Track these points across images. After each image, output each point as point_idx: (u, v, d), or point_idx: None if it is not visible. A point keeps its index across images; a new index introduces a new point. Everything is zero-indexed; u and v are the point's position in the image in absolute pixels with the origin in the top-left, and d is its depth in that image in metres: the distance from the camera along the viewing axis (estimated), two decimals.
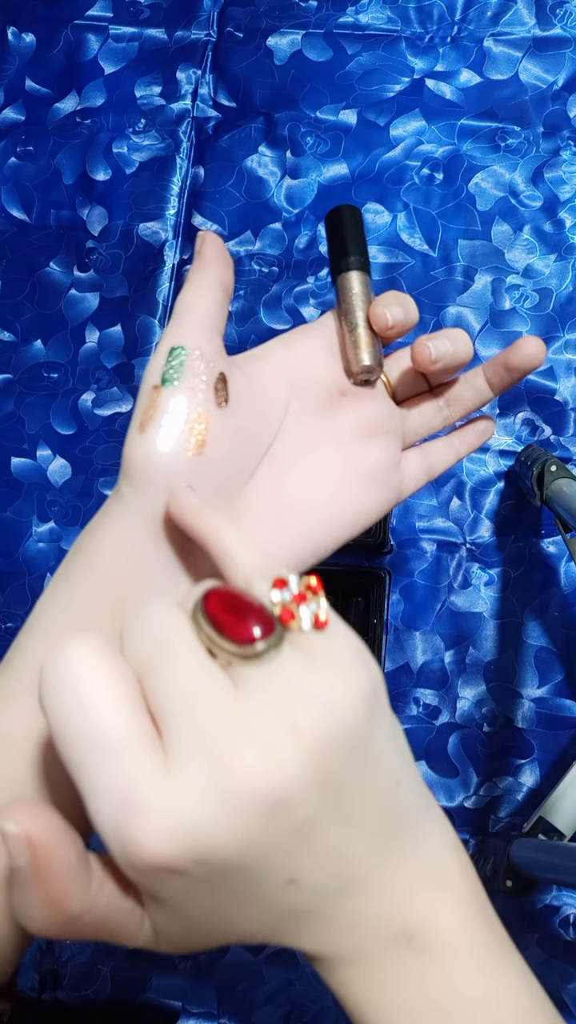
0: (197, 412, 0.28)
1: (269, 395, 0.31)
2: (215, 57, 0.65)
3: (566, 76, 0.61)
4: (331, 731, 0.21)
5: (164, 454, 0.27)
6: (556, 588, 0.56)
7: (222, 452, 0.28)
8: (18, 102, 0.67)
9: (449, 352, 0.31)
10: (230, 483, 0.29)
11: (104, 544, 0.29)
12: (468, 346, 0.32)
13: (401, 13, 0.63)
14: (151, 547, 0.28)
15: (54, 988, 0.55)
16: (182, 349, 0.28)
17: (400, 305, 0.32)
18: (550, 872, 0.41)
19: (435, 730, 0.55)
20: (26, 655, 0.29)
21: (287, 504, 0.30)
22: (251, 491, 0.30)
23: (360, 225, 0.35)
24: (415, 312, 0.33)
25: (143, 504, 0.28)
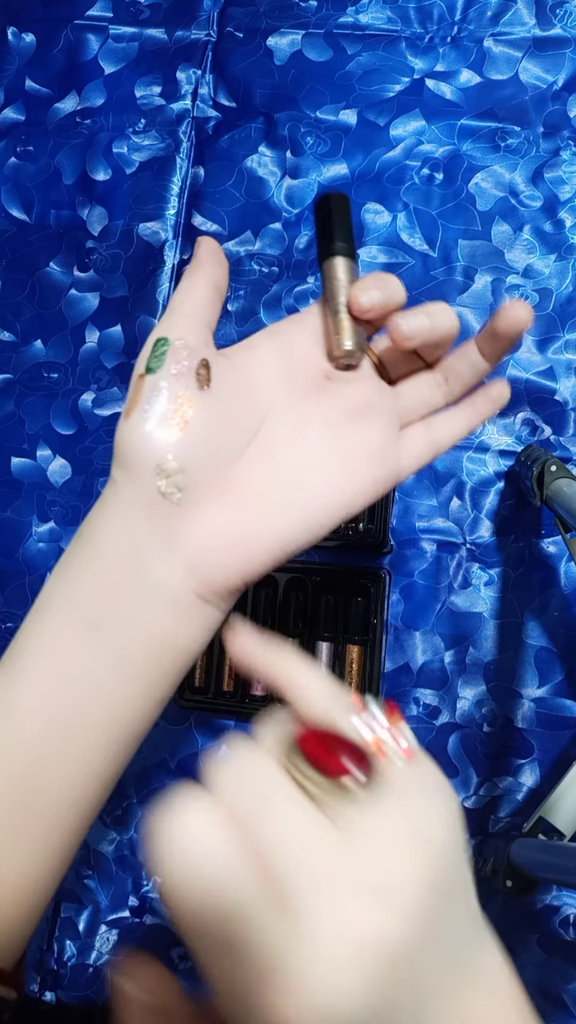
0: (178, 394, 0.29)
1: (256, 381, 0.32)
2: (215, 57, 0.65)
3: (566, 76, 0.61)
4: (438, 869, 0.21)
5: (148, 435, 0.29)
6: (556, 588, 0.56)
7: (206, 431, 0.29)
8: (18, 102, 0.67)
9: (425, 327, 0.31)
10: (217, 463, 0.30)
11: (101, 528, 0.30)
12: (448, 318, 0.32)
13: (401, 13, 0.63)
14: (144, 528, 0.29)
15: (54, 988, 0.55)
16: (166, 340, 0.30)
17: (379, 288, 0.32)
18: (550, 872, 0.41)
19: (435, 730, 0.55)
20: (32, 636, 0.31)
21: (279, 486, 0.31)
22: (242, 473, 0.30)
23: (347, 212, 0.35)
24: (398, 293, 0.32)
25: (134, 486, 0.29)
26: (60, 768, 0.30)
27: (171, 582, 0.29)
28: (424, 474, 0.58)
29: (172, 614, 0.30)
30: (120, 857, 0.57)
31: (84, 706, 0.29)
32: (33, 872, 0.30)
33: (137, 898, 0.56)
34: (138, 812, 0.57)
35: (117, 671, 0.30)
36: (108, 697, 0.30)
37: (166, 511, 0.29)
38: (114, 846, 0.57)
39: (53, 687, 0.30)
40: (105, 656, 0.29)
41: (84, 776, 0.30)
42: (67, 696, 0.29)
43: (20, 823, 0.29)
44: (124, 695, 0.30)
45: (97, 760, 0.30)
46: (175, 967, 0.54)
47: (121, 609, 0.29)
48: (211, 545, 0.30)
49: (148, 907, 0.56)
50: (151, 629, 0.30)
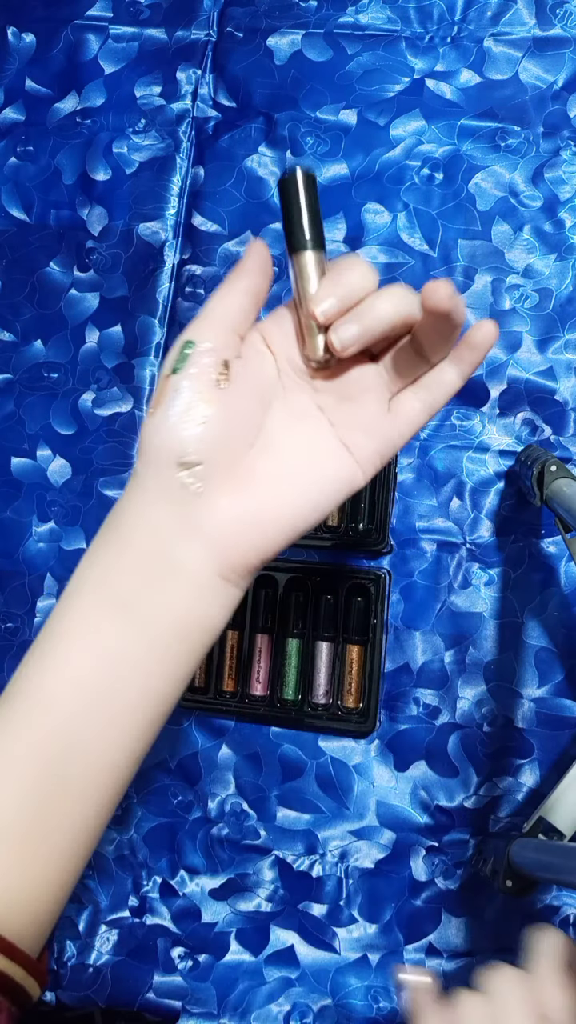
0: (199, 394, 0.31)
1: (262, 377, 0.34)
2: (215, 57, 0.65)
3: (566, 76, 0.61)
4: None
5: (170, 432, 0.31)
6: (556, 588, 0.56)
7: (223, 427, 0.31)
8: (18, 102, 0.67)
9: (356, 335, 0.31)
10: (233, 453, 0.32)
11: (127, 518, 0.32)
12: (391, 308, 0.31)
13: (401, 13, 0.63)
14: (168, 516, 0.32)
15: (54, 988, 0.55)
16: (192, 343, 0.32)
17: (336, 293, 0.31)
18: (550, 872, 0.41)
19: (435, 730, 0.55)
20: (65, 619, 0.33)
21: (286, 471, 0.33)
22: (253, 461, 0.33)
23: (314, 193, 0.33)
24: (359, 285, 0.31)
25: (158, 479, 0.31)
26: (90, 741, 0.32)
27: (195, 564, 0.32)
28: (424, 474, 0.58)
29: (196, 594, 0.32)
30: (120, 857, 0.57)
31: (116, 682, 0.32)
32: (64, 847, 0.32)
33: (137, 898, 0.56)
34: (138, 812, 0.57)
35: (147, 648, 0.32)
36: (139, 673, 0.32)
37: (188, 500, 0.31)
38: (114, 846, 0.57)
39: (87, 664, 0.32)
40: (136, 634, 0.32)
41: (113, 749, 0.32)
42: (101, 673, 0.32)
43: (53, 796, 0.31)
44: (153, 671, 0.32)
45: (125, 733, 0.32)
46: (175, 967, 0.54)
47: (150, 590, 0.32)
48: (230, 529, 0.32)
49: (148, 907, 0.56)
50: (178, 608, 0.32)
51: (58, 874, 0.32)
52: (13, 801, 0.31)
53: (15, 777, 0.31)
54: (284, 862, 0.55)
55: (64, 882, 0.32)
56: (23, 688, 0.32)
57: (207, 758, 0.57)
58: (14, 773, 0.31)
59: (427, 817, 0.55)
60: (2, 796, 0.31)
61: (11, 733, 0.32)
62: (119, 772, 0.33)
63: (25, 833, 0.31)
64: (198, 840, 0.56)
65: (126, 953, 0.55)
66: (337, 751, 0.56)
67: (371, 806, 0.55)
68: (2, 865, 0.30)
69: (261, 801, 0.56)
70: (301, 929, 0.54)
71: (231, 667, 0.57)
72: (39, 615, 0.60)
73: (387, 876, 0.54)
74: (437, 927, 0.53)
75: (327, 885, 0.55)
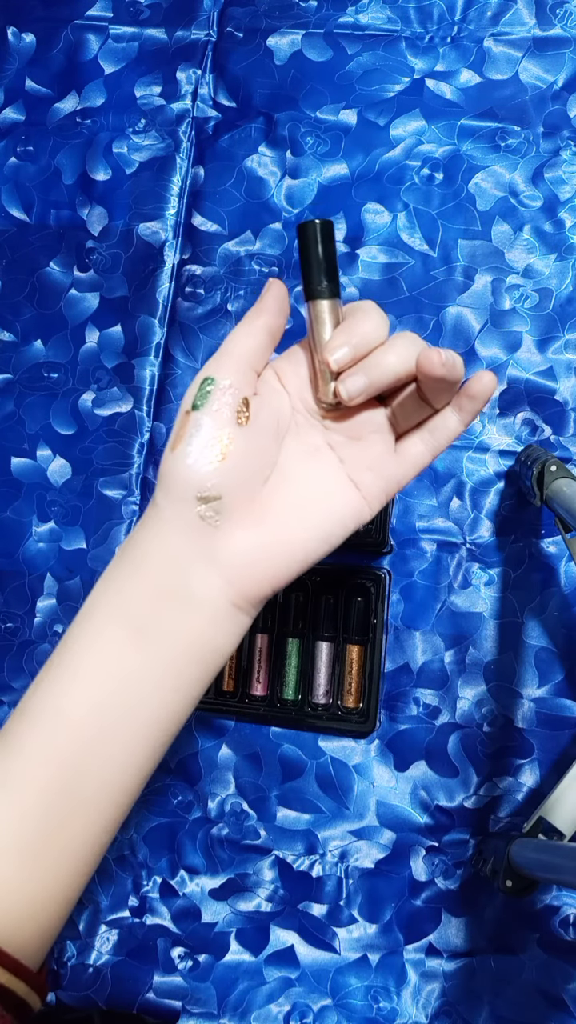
0: (220, 431, 0.32)
1: (276, 415, 0.35)
2: (215, 57, 0.65)
3: (566, 76, 0.61)
4: None
5: (191, 467, 0.32)
6: (556, 588, 0.56)
7: (241, 462, 0.33)
8: (18, 102, 0.67)
9: (362, 388, 0.33)
10: (249, 487, 0.33)
11: (145, 545, 0.33)
12: (397, 361, 0.33)
13: (401, 13, 0.63)
14: (186, 547, 0.33)
15: (54, 988, 0.55)
16: (212, 380, 0.33)
17: (350, 343, 0.33)
18: (550, 872, 0.41)
19: (435, 730, 0.55)
20: (81, 641, 0.34)
21: (299, 505, 0.34)
22: (267, 495, 0.34)
23: (330, 241, 0.35)
24: (371, 336, 0.33)
25: (177, 510, 0.32)
26: (104, 763, 0.32)
27: (210, 593, 0.33)
28: (424, 474, 0.58)
29: (210, 621, 0.33)
30: (120, 857, 0.57)
31: (129, 703, 0.33)
32: (72, 865, 0.33)
33: (137, 898, 0.56)
34: (138, 812, 0.57)
35: (162, 673, 0.33)
36: (151, 695, 0.33)
37: (206, 532, 0.32)
38: (114, 846, 0.57)
39: (102, 685, 0.33)
40: (150, 658, 0.33)
41: (125, 771, 0.33)
42: (114, 693, 0.33)
43: (64, 816, 0.32)
44: (165, 693, 0.33)
45: (137, 754, 0.33)
46: (175, 967, 0.54)
47: (165, 616, 0.33)
48: (245, 561, 0.33)
49: (148, 907, 0.56)
50: (191, 634, 0.33)
51: (64, 891, 0.33)
52: (25, 821, 0.31)
53: (28, 797, 0.32)
54: (284, 862, 0.55)
55: (69, 899, 0.33)
56: (41, 708, 0.33)
57: (207, 758, 0.57)
58: (28, 793, 0.32)
59: (427, 817, 0.55)
60: (15, 816, 0.31)
61: (27, 753, 0.32)
62: (128, 792, 0.34)
63: (35, 852, 0.31)
64: (198, 840, 0.56)
65: (126, 953, 0.55)
66: (337, 751, 0.56)
67: (371, 806, 0.55)
68: (11, 882, 0.31)
69: (261, 801, 0.56)
70: (301, 929, 0.54)
71: (231, 667, 0.57)
72: (39, 615, 0.60)
73: (387, 876, 0.54)
74: (437, 927, 0.54)
75: (327, 885, 0.55)
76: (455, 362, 0.32)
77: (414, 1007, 0.53)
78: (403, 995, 0.53)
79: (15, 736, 0.33)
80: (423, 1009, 0.53)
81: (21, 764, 0.32)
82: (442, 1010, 0.52)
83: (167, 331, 0.62)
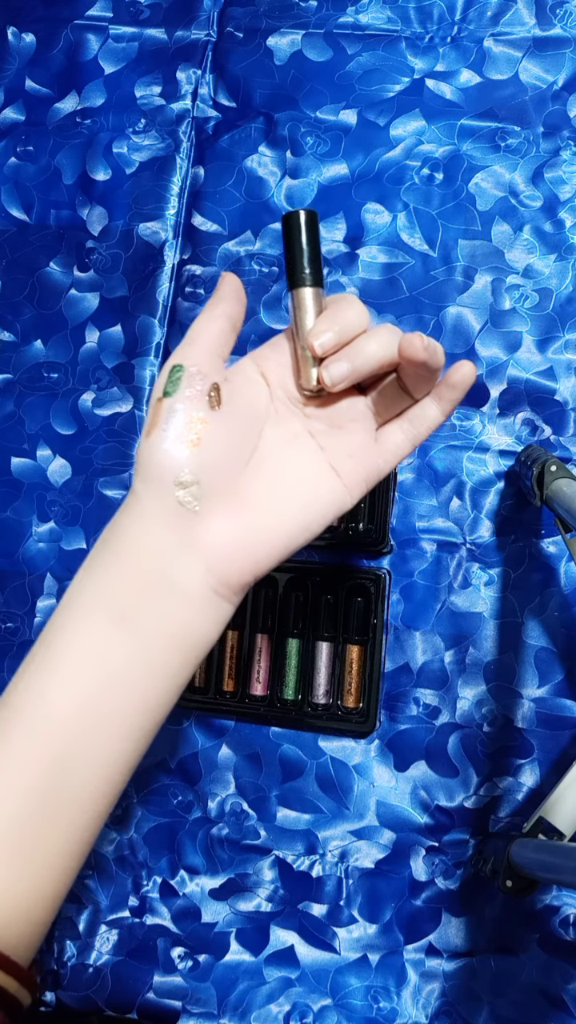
0: (193, 415, 0.32)
1: (253, 401, 0.36)
2: (215, 57, 0.65)
3: (566, 76, 0.61)
4: None
5: (167, 452, 0.32)
6: (556, 588, 0.56)
7: (217, 447, 0.33)
8: (18, 102, 0.67)
9: (345, 374, 0.34)
10: (228, 474, 0.33)
11: (125, 534, 0.33)
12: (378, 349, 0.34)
13: (401, 13, 0.63)
14: (166, 534, 0.33)
15: (54, 988, 0.55)
16: (181, 367, 0.33)
17: (334, 328, 0.34)
18: (550, 872, 0.41)
19: (435, 730, 0.55)
20: (63, 630, 0.33)
21: (279, 492, 0.35)
22: (247, 481, 0.34)
23: (315, 232, 0.36)
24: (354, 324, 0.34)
25: (156, 497, 0.32)
26: (89, 754, 0.32)
27: (191, 580, 0.33)
28: (424, 474, 0.58)
29: (192, 608, 0.33)
30: (120, 857, 0.57)
31: (112, 693, 0.33)
32: (60, 859, 0.32)
33: (137, 898, 0.56)
34: (138, 812, 0.57)
35: (142, 660, 0.33)
36: (134, 684, 0.33)
37: (185, 518, 0.32)
38: (114, 846, 0.57)
39: (84, 675, 0.33)
40: (132, 646, 0.33)
41: (111, 761, 0.33)
42: (97, 684, 0.32)
43: (51, 809, 0.32)
44: (148, 682, 0.33)
45: (123, 746, 0.33)
46: (175, 967, 0.54)
47: (147, 604, 0.33)
48: (225, 547, 0.33)
49: (148, 907, 0.56)
50: (173, 622, 0.33)
51: (52, 886, 0.32)
52: (9, 815, 0.31)
53: (12, 791, 0.31)
54: (284, 862, 0.55)
55: (57, 893, 0.33)
56: (24, 700, 0.33)
57: (207, 758, 0.57)
58: (11, 787, 0.31)
59: (427, 817, 0.55)
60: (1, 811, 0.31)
61: (11, 746, 0.32)
62: (115, 782, 0.33)
63: (21, 847, 0.31)
64: (198, 840, 0.56)
65: (126, 953, 0.55)
66: (337, 751, 0.56)
67: (371, 806, 0.55)
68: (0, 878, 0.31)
69: (261, 801, 0.56)
70: (301, 929, 0.54)
71: (231, 667, 0.57)
72: (39, 615, 0.60)
73: (387, 876, 0.54)
74: (437, 927, 0.54)
75: (327, 885, 0.55)
76: (436, 348, 0.33)
77: (414, 1007, 0.53)
78: (403, 995, 0.53)
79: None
80: (423, 1009, 0.53)
81: (5, 758, 0.32)
82: (442, 1010, 0.52)
83: (167, 331, 0.62)
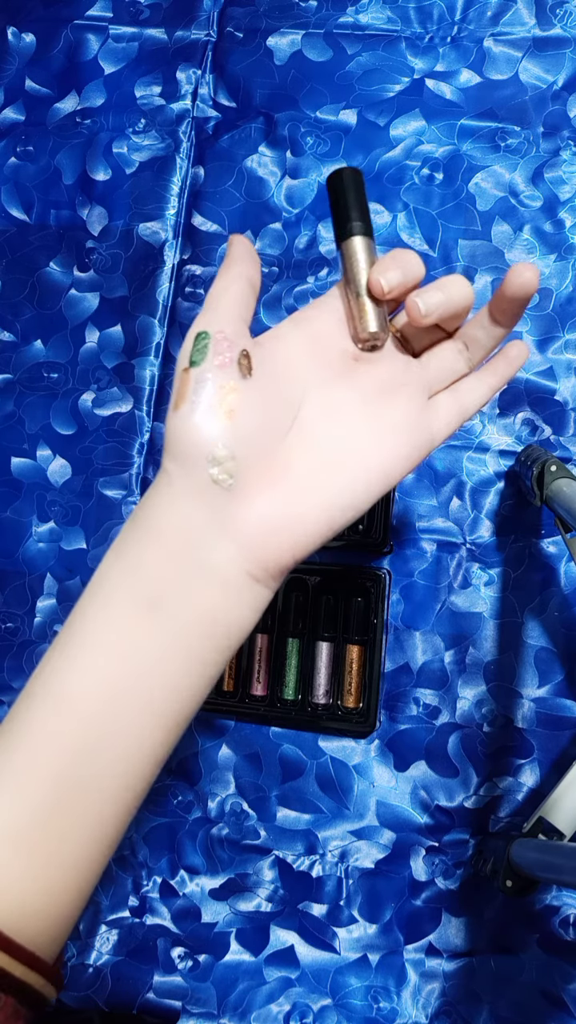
0: (223, 384, 0.30)
1: (290, 367, 0.33)
2: (215, 57, 0.65)
3: (566, 76, 0.61)
4: None
5: (198, 426, 0.30)
6: (556, 588, 0.56)
7: (252, 418, 0.30)
8: (18, 102, 0.67)
9: (440, 302, 0.32)
10: (263, 447, 0.31)
11: (156, 514, 0.31)
12: (463, 290, 0.33)
13: (401, 13, 0.63)
14: (199, 514, 0.30)
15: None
16: (206, 334, 0.31)
17: (398, 267, 0.33)
18: (550, 872, 0.41)
19: (435, 730, 0.55)
20: (90, 614, 0.31)
21: (321, 466, 0.32)
22: (286, 456, 0.32)
23: (361, 188, 0.35)
24: (416, 269, 0.33)
25: (187, 475, 0.30)
26: (115, 745, 0.30)
27: (225, 563, 0.31)
28: (424, 474, 0.58)
29: (225, 593, 0.31)
30: (120, 857, 0.57)
31: (140, 681, 0.30)
32: (84, 853, 0.31)
33: (137, 898, 0.56)
34: (138, 812, 0.57)
35: (173, 647, 0.31)
36: (163, 672, 0.31)
37: (219, 497, 0.30)
38: None
39: (111, 662, 0.31)
40: (162, 632, 0.31)
41: (137, 753, 0.31)
42: (124, 671, 0.30)
43: (74, 801, 0.30)
44: (178, 671, 0.31)
45: (150, 737, 0.31)
46: (175, 967, 0.54)
47: (178, 588, 0.31)
48: (263, 528, 0.31)
49: (148, 907, 0.56)
50: (205, 607, 0.31)
51: (76, 880, 0.31)
52: (32, 806, 0.30)
53: (34, 781, 0.30)
54: (284, 862, 0.55)
55: (82, 888, 0.31)
56: (47, 688, 0.31)
57: (207, 758, 0.57)
58: (34, 777, 0.30)
59: (427, 817, 0.55)
60: (20, 801, 0.30)
61: (34, 735, 0.30)
62: (142, 776, 0.32)
63: (43, 839, 0.30)
64: (198, 840, 0.56)
65: (126, 953, 0.55)
66: (337, 751, 0.56)
67: (371, 806, 0.55)
68: (20, 871, 0.29)
69: (261, 801, 0.56)
70: (301, 929, 0.54)
71: (231, 667, 0.57)
72: (39, 615, 0.60)
73: (387, 876, 0.54)
74: (437, 927, 0.54)
75: (327, 885, 0.55)
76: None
77: (414, 1007, 0.53)
78: (403, 995, 0.53)
79: (21, 720, 0.31)
80: (423, 1009, 0.53)
81: (28, 748, 0.30)
82: (442, 1010, 0.52)
83: (167, 331, 0.62)
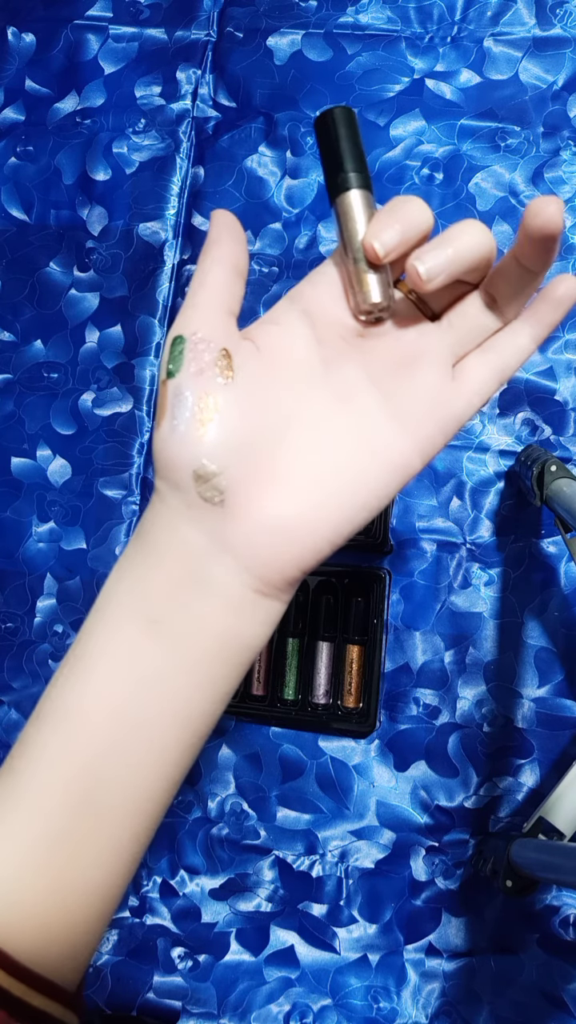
0: (202, 394, 0.28)
1: (286, 356, 0.30)
2: (215, 57, 0.65)
3: (566, 76, 0.61)
4: None
5: (181, 443, 0.28)
6: (556, 588, 0.56)
7: (238, 425, 0.28)
8: (18, 102, 0.67)
9: (446, 262, 0.27)
10: (256, 454, 0.28)
11: (153, 535, 0.30)
12: (475, 238, 0.28)
13: (401, 13, 0.63)
14: (195, 533, 0.29)
15: None
16: (182, 338, 0.28)
17: (396, 223, 0.28)
18: (550, 872, 0.41)
19: (435, 730, 0.55)
20: (94, 636, 0.30)
21: (325, 461, 0.29)
22: (287, 458, 0.29)
23: (355, 130, 0.30)
24: (419, 221, 0.28)
25: (177, 495, 0.29)
26: (126, 767, 0.29)
27: (227, 581, 0.29)
28: (424, 474, 0.58)
29: (231, 611, 0.30)
30: None
31: (149, 703, 0.29)
32: (100, 878, 0.30)
33: (137, 898, 0.56)
34: None
35: (180, 667, 0.30)
36: (172, 693, 0.30)
37: (211, 514, 0.28)
38: None
39: (118, 684, 0.29)
40: (168, 652, 0.29)
41: (150, 775, 0.30)
42: (132, 693, 0.29)
43: (88, 824, 0.29)
44: (188, 691, 0.30)
45: (163, 758, 0.30)
46: (175, 967, 0.54)
47: (179, 608, 0.29)
48: (263, 542, 0.29)
49: (148, 907, 0.56)
50: (212, 625, 0.30)
51: (96, 907, 0.30)
52: (48, 834, 0.29)
53: (49, 809, 0.29)
54: (284, 862, 0.55)
55: (102, 913, 0.30)
56: (58, 713, 0.30)
57: (207, 758, 0.57)
58: (48, 804, 0.29)
59: (427, 817, 0.55)
60: (36, 829, 0.29)
61: (46, 761, 0.29)
62: (156, 799, 0.30)
63: (60, 867, 0.29)
64: (198, 840, 0.56)
65: (126, 953, 0.55)
66: (337, 751, 0.56)
67: (371, 806, 0.55)
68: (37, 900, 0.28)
69: (261, 801, 0.56)
70: (301, 929, 0.54)
71: None
72: (39, 615, 0.60)
73: (387, 876, 0.54)
74: (437, 927, 0.54)
75: (327, 885, 0.55)
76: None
77: (414, 1007, 0.53)
78: (403, 995, 0.53)
79: (32, 742, 0.30)
80: (423, 1009, 0.53)
81: (40, 772, 0.29)
82: (442, 1010, 0.52)
83: (167, 331, 0.62)
